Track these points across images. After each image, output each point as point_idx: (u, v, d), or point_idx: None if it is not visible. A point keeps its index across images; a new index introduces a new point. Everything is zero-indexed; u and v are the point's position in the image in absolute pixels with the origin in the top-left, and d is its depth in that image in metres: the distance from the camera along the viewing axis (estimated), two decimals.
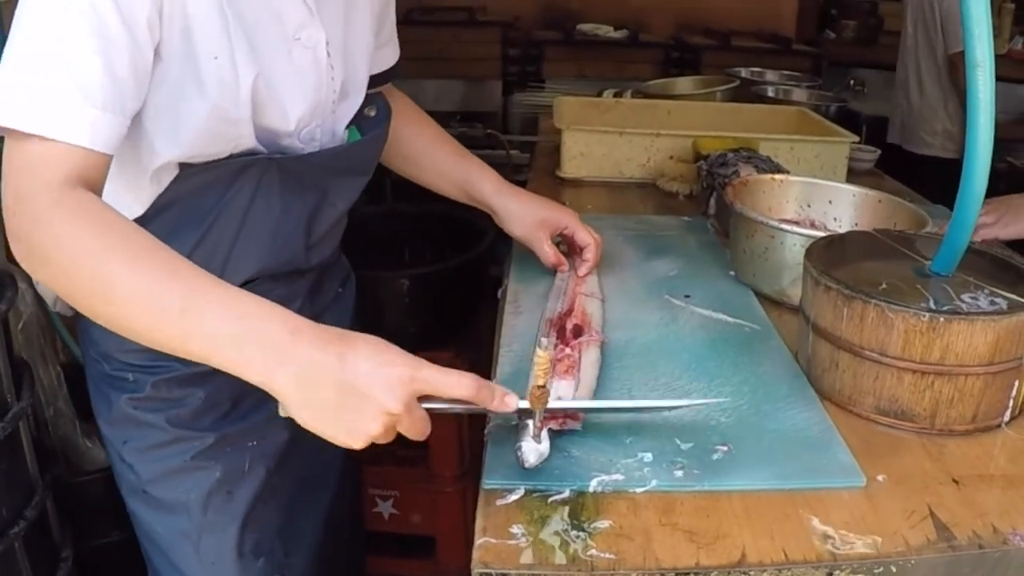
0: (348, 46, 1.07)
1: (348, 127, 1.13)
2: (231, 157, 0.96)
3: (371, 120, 1.16)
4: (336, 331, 0.77)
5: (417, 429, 0.77)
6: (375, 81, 1.20)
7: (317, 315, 1.16)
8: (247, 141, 0.96)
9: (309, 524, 1.21)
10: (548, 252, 1.29)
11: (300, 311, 1.01)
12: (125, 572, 1.67)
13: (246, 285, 0.96)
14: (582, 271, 1.26)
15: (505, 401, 0.80)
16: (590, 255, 1.28)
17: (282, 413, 0.78)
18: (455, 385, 0.76)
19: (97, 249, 0.77)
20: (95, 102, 0.79)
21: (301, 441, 1.14)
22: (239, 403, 1.09)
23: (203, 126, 0.91)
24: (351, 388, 0.73)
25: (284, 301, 0.82)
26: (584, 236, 1.29)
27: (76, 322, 1.11)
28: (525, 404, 0.81)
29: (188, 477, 1.06)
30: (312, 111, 1.02)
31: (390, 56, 1.26)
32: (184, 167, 0.95)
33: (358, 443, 0.75)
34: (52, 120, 0.78)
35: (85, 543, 1.62)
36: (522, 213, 1.30)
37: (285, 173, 1.01)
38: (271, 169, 0.99)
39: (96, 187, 0.82)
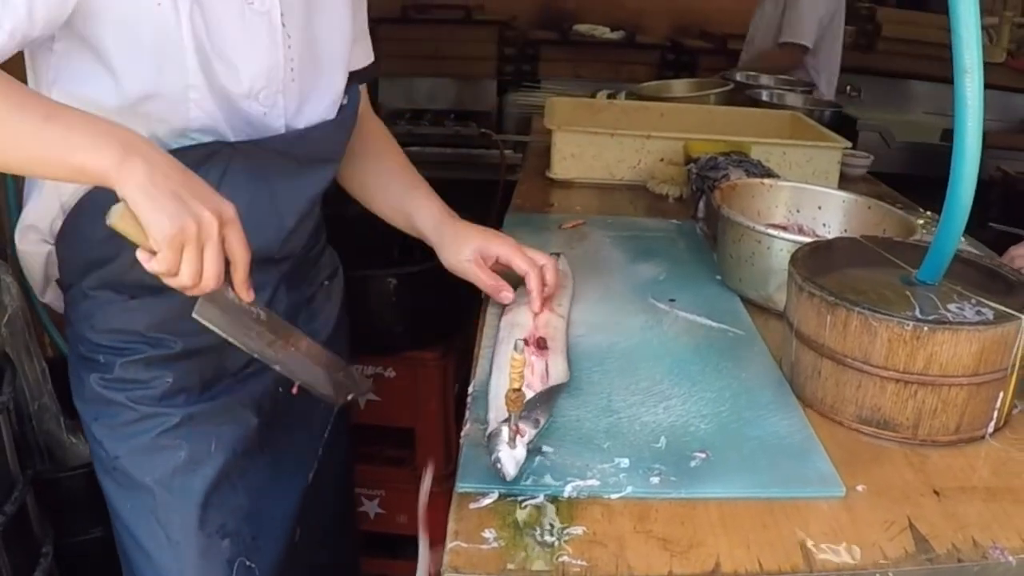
0: (312, 21, 1.08)
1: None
2: (197, 145, 1.00)
3: (342, 108, 1.17)
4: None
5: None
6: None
7: (298, 304, 1.21)
8: (205, 104, 0.99)
9: (279, 511, 1.22)
10: (483, 279, 1.20)
11: (273, 298, 1.14)
12: (107, 569, 1.66)
13: None
14: (534, 306, 1.14)
15: None
16: (532, 284, 1.15)
17: (111, 219, 0.83)
18: None
19: None
20: None
21: (271, 429, 1.19)
22: (210, 385, 1.12)
23: (150, 61, 0.94)
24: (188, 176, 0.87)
25: (255, 288, 0.94)
26: (520, 263, 1.17)
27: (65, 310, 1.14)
28: None
29: (154, 455, 1.08)
30: (267, 74, 1.04)
31: (360, 56, 1.23)
32: None
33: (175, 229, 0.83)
34: None
35: (67, 539, 1.61)
36: (456, 245, 1.22)
37: (250, 160, 1.04)
38: (236, 157, 1.03)
39: None
